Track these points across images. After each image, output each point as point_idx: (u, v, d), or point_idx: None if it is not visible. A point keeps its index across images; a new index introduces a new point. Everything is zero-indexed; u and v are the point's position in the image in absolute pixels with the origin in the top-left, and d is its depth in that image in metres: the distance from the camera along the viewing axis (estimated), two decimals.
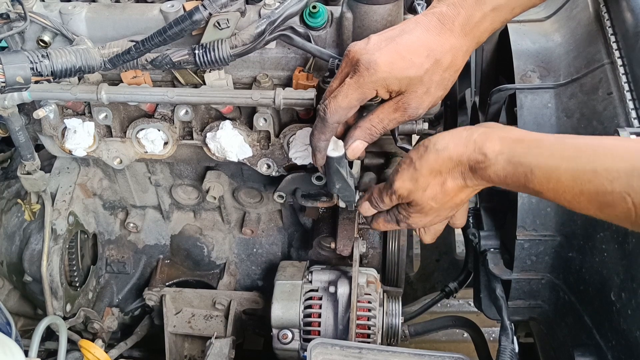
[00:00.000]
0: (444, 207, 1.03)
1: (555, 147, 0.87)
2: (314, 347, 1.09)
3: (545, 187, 0.86)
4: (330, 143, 1.02)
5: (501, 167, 0.90)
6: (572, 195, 0.83)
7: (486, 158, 0.91)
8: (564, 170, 0.83)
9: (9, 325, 1.16)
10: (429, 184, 0.99)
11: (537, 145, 0.88)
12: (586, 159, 0.82)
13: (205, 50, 1.07)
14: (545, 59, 1.20)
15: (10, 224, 1.51)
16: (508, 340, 1.15)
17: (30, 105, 1.27)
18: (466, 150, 0.94)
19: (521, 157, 0.88)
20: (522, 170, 0.87)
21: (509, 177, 0.89)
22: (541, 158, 0.86)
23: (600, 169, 0.80)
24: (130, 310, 1.65)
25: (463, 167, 0.95)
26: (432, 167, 0.97)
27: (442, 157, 0.96)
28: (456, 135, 0.97)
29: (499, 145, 0.91)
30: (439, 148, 0.96)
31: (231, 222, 1.60)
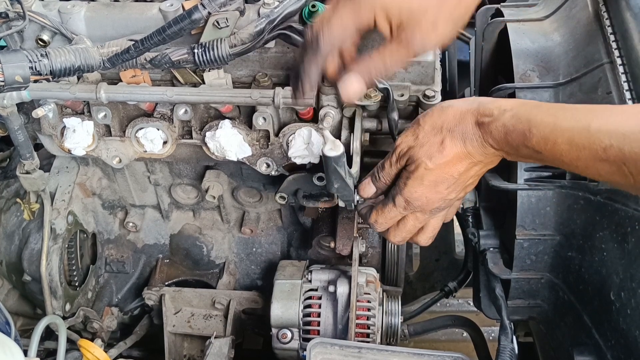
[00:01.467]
0: (440, 174, 1.00)
1: (553, 108, 0.91)
2: (313, 347, 1.09)
3: (543, 148, 0.88)
4: (328, 142, 1.02)
5: (502, 122, 0.91)
6: (570, 159, 0.86)
7: (491, 112, 0.93)
8: (560, 131, 0.86)
9: (8, 325, 1.16)
10: (428, 140, 0.99)
11: (538, 106, 0.92)
12: (581, 119, 0.85)
13: (205, 50, 1.07)
14: (544, 59, 1.20)
15: (9, 223, 1.51)
16: (507, 340, 1.15)
17: (30, 104, 1.27)
18: (471, 107, 0.96)
19: (522, 114, 0.90)
20: (521, 128, 0.89)
21: (508, 133, 0.91)
22: (539, 116, 0.89)
23: (593, 130, 0.82)
24: (130, 310, 1.65)
25: (465, 125, 0.96)
26: (434, 122, 0.99)
27: (445, 113, 0.98)
28: (463, 99, 1.01)
29: (504, 103, 0.94)
30: (445, 106, 0.99)
31: (230, 222, 1.60)
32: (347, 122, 1.22)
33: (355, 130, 1.19)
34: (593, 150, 0.82)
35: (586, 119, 0.84)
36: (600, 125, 0.82)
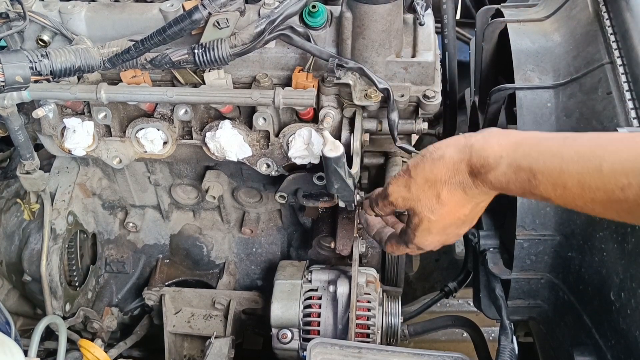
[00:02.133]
0: (446, 221, 0.98)
1: (556, 147, 0.82)
2: (313, 347, 1.09)
3: (552, 194, 0.82)
4: (328, 143, 1.01)
5: (502, 171, 0.85)
6: (584, 202, 0.80)
7: (486, 162, 0.87)
8: (569, 174, 0.79)
9: (9, 325, 1.16)
10: (424, 194, 0.96)
11: (537, 146, 0.84)
12: (590, 158, 0.78)
13: (205, 50, 1.07)
14: (544, 59, 1.20)
15: (9, 223, 1.51)
16: (507, 340, 1.15)
17: (30, 105, 1.27)
18: (464, 157, 0.90)
19: (522, 160, 0.83)
20: (524, 176, 0.83)
21: (511, 182, 0.85)
22: (542, 161, 0.82)
23: (607, 170, 0.76)
24: (130, 310, 1.65)
25: (461, 176, 0.91)
26: (427, 176, 0.94)
27: (437, 166, 0.93)
28: (453, 142, 0.93)
29: (498, 148, 0.86)
30: (435, 157, 0.93)
31: (231, 222, 1.60)
32: (347, 123, 1.22)
33: (355, 131, 1.19)
34: (609, 191, 0.76)
35: (595, 158, 0.77)
36: (613, 164, 0.75)
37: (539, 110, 1.17)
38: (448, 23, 1.52)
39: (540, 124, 1.16)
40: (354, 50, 1.14)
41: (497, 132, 0.92)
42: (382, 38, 1.11)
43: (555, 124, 1.16)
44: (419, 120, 1.25)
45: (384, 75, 1.16)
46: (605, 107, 1.10)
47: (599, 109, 1.11)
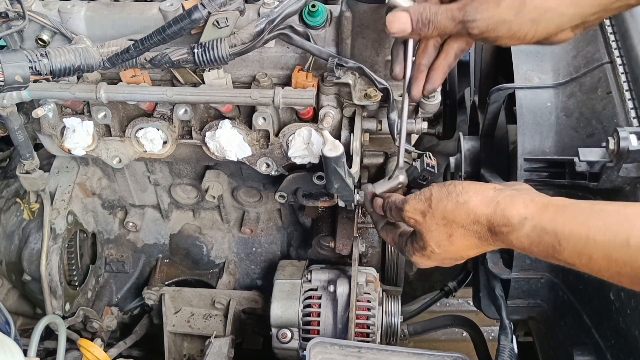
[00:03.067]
0: (449, 256, 0.98)
1: (583, 216, 0.80)
2: (313, 346, 1.09)
3: (577, 262, 0.81)
4: (328, 143, 1.02)
5: (525, 233, 0.84)
6: (610, 274, 0.78)
7: (509, 222, 0.85)
8: (595, 246, 0.77)
9: (8, 325, 1.16)
10: (436, 228, 0.94)
11: (564, 212, 0.82)
12: (618, 232, 0.76)
13: (205, 49, 1.07)
14: (544, 58, 1.20)
15: (9, 223, 1.51)
16: (507, 340, 1.15)
17: (29, 104, 1.27)
18: (487, 210, 0.88)
19: (547, 224, 0.82)
20: (548, 240, 0.82)
21: (534, 245, 0.84)
22: (568, 228, 0.80)
23: (635, 245, 0.74)
24: (130, 310, 1.65)
25: (480, 227, 0.90)
26: (445, 214, 0.93)
27: (459, 210, 0.91)
28: (482, 191, 0.91)
29: (524, 209, 0.85)
30: (460, 200, 0.91)
31: (230, 221, 1.60)
32: (346, 122, 1.22)
33: (355, 130, 1.19)
34: (636, 268, 0.74)
35: (623, 231, 0.75)
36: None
37: (539, 109, 1.18)
38: None
39: (540, 124, 1.16)
40: (353, 50, 1.14)
41: (526, 192, 0.91)
42: (382, 37, 1.11)
43: (555, 124, 1.16)
44: (418, 120, 1.25)
45: (384, 75, 1.16)
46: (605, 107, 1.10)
47: (598, 109, 1.11)
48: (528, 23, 0.86)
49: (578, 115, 1.14)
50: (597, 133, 1.11)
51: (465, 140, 1.40)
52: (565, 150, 1.14)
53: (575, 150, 1.03)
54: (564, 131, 1.16)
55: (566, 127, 1.15)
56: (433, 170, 1.19)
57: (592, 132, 1.12)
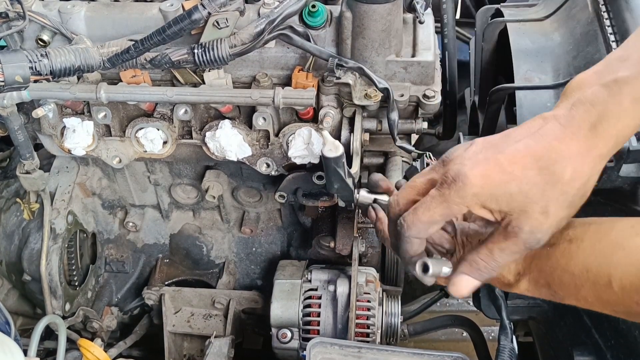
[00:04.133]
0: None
1: (564, 261, 0.79)
2: (313, 347, 1.09)
3: (580, 305, 0.81)
4: (327, 143, 1.01)
5: (524, 289, 0.86)
6: (610, 312, 0.79)
7: (507, 280, 0.87)
8: (585, 291, 0.78)
9: (8, 325, 1.16)
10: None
11: (548, 261, 0.81)
12: (598, 274, 0.76)
13: (205, 50, 1.07)
14: (544, 59, 1.20)
15: (9, 223, 1.51)
16: (507, 340, 1.15)
17: (30, 104, 1.27)
18: None
19: (538, 277, 0.83)
20: (546, 292, 0.83)
21: (537, 295, 0.85)
22: (557, 277, 0.80)
23: (617, 289, 0.74)
24: (130, 310, 1.65)
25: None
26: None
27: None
28: None
29: (515, 266, 0.86)
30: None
31: (230, 221, 1.60)
32: (347, 122, 1.22)
33: (355, 130, 1.19)
34: (627, 307, 0.75)
35: (603, 274, 0.75)
36: (622, 280, 0.73)
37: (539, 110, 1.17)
38: (448, 23, 1.52)
39: None
40: (353, 50, 1.14)
41: None
42: (382, 38, 1.11)
43: None
44: (418, 120, 1.25)
45: (384, 75, 1.16)
46: None
47: None
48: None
49: None
50: None
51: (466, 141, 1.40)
52: None
53: None
54: None
55: None
56: None
57: None
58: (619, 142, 0.77)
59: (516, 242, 0.78)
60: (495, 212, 0.78)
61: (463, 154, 0.80)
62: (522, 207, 0.76)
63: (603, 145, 0.76)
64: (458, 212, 0.80)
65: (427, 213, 0.81)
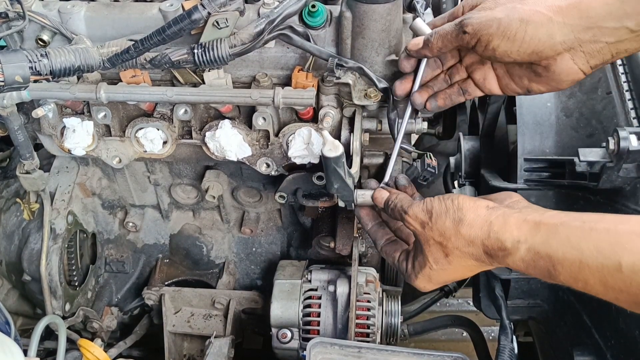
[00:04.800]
0: (448, 277, 0.98)
1: (575, 238, 0.79)
2: (313, 347, 1.09)
3: (574, 286, 0.81)
4: (327, 143, 1.01)
5: (520, 257, 0.84)
6: (609, 299, 0.78)
7: (503, 245, 0.86)
8: (589, 271, 0.77)
9: (8, 325, 1.16)
10: (434, 243, 0.95)
11: (555, 233, 0.82)
12: (609, 256, 0.75)
13: (205, 50, 1.07)
14: None
15: (9, 223, 1.51)
16: (507, 340, 1.15)
17: (29, 104, 1.27)
18: (481, 233, 0.89)
19: (540, 247, 0.82)
20: (543, 264, 0.82)
21: (530, 268, 0.84)
22: (561, 251, 0.80)
23: (627, 271, 0.73)
24: (130, 310, 1.65)
25: (475, 249, 0.90)
26: (443, 231, 0.93)
27: (456, 228, 0.91)
28: (476, 210, 0.91)
29: (517, 231, 0.85)
30: (455, 218, 0.91)
31: (230, 222, 1.60)
32: (346, 122, 1.22)
33: (355, 130, 1.19)
34: (632, 294, 0.74)
35: (614, 254, 0.75)
36: (634, 265, 0.73)
37: (539, 109, 1.18)
38: None
39: (540, 124, 1.16)
40: (353, 50, 1.14)
41: (518, 208, 0.92)
42: (382, 37, 1.11)
43: (555, 124, 1.16)
44: (418, 120, 1.24)
45: (384, 75, 1.16)
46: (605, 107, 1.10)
47: (598, 109, 1.11)
48: (517, 22, 0.89)
49: (578, 116, 1.14)
50: (597, 133, 1.11)
51: (465, 140, 1.40)
52: (565, 150, 1.14)
53: (575, 151, 1.03)
54: (564, 131, 1.16)
55: (566, 127, 1.15)
56: (433, 171, 1.19)
57: (592, 132, 1.12)
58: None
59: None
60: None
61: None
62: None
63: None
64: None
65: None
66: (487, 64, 1.03)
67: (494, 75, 1.03)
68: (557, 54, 0.89)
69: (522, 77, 0.98)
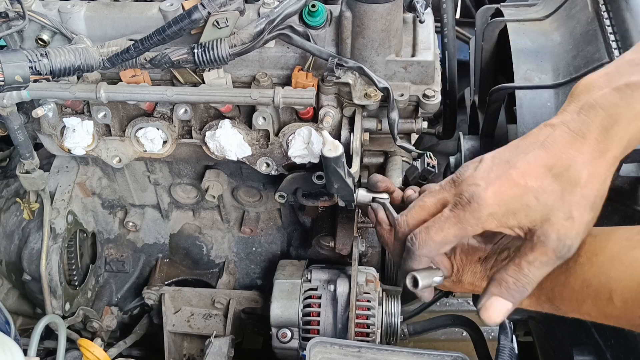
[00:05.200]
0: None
1: (563, 277, 0.78)
2: (313, 346, 1.09)
3: (584, 318, 0.81)
4: (327, 143, 1.01)
5: (526, 305, 0.85)
6: (615, 324, 0.78)
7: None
8: (587, 306, 0.77)
9: (8, 324, 1.16)
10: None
11: (547, 276, 0.79)
12: (598, 289, 0.75)
13: (205, 49, 1.07)
14: (544, 58, 1.20)
15: (9, 222, 1.51)
16: (507, 339, 1.15)
17: (29, 104, 1.27)
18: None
19: (539, 295, 0.83)
20: (548, 307, 0.84)
21: (539, 309, 0.85)
22: (557, 292, 0.81)
23: (619, 304, 0.73)
24: (130, 309, 1.65)
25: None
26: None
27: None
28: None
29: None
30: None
31: (230, 221, 1.60)
32: (346, 122, 1.22)
33: (355, 130, 1.19)
34: (631, 320, 0.74)
35: (604, 289, 0.75)
36: (623, 294, 0.73)
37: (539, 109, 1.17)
38: (448, 22, 1.52)
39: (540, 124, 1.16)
40: (353, 50, 1.14)
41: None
42: (382, 37, 1.11)
43: None
44: (418, 120, 1.25)
45: (384, 75, 1.16)
46: None
47: None
48: None
49: None
50: None
51: (465, 140, 1.40)
52: None
53: None
54: None
55: None
56: (433, 170, 1.19)
57: None
58: (630, 145, 0.76)
59: (545, 251, 0.76)
60: (516, 228, 0.78)
61: (474, 173, 0.79)
62: (544, 216, 0.75)
63: (615, 148, 0.75)
64: (472, 232, 0.79)
65: (440, 233, 0.80)
66: None
67: None
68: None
69: None
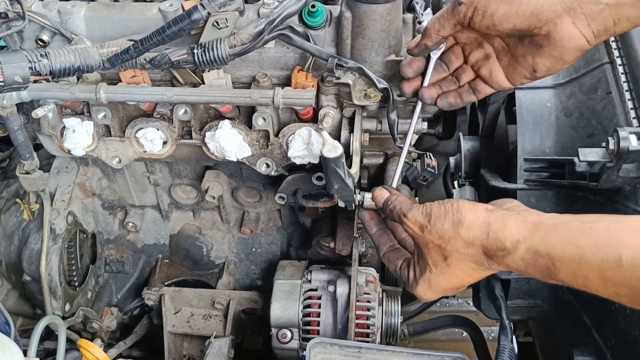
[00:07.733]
0: (448, 284, 0.97)
1: (573, 235, 0.79)
2: (313, 347, 1.09)
3: (574, 283, 0.81)
4: (327, 144, 1.01)
5: (519, 256, 0.84)
6: (609, 294, 0.78)
7: (503, 245, 0.85)
8: (589, 266, 0.77)
9: (8, 325, 1.16)
10: (433, 246, 0.94)
11: (554, 232, 0.82)
12: (608, 250, 0.75)
13: (204, 50, 1.07)
14: None
15: (9, 223, 1.51)
16: (507, 340, 1.15)
17: (29, 105, 1.27)
18: (480, 234, 0.88)
19: (539, 245, 0.82)
20: (543, 263, 0.82)
21: (530, 267, 0.84)
22: (560, 248, 0.80)
23: (627, 264, 0.73)
24: (129, 310, 1.65)
25: (475, 251, 0.89)
26: (442, 233, 0.92)
27: (455, 229, 0.90)
28: (475, 212, 0.91)
29: (516, 231, 0.85)
30: (454, 219, 0.91)
31: (230, 222, 1.60)
32: (346, 122, 1.22)
33: (355, 131, 1.19)
34: (632, 287, 0.74)
35: (614, 249, 0.75)
36: (633, 258, 0.73)
37: (539, 110, 1.18)
38: None
39: (540, 124, 1.16)
40: (353, 50, 1.14)
41: (517, 211, 0.91)
42: (382, 38, 1.11)
43: (555, 124, 1.16)
44: (418, 120, 1.25)
45: (384, 75, 1.16)
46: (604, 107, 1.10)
47: (598, 109, 1.11)
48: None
49: (578, 116, 1.14)
50: (597, 133, 1.11)
51: (465, 140, 1.40)
52: (565, 150, 1.14)
53: (575, 151, 1.04)
54: (563, 131, 1.16)
55: (566, 127, 1.15)
56: (433, 171, 1.19)
57: (592, 132, 1.12)
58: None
59: None
60: None
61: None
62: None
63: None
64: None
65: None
66: (491, 58, 1.01)
67: (499, 67, 1.01)
68: (557, 17, 0.87)
69: (525, 55, 0.95)
